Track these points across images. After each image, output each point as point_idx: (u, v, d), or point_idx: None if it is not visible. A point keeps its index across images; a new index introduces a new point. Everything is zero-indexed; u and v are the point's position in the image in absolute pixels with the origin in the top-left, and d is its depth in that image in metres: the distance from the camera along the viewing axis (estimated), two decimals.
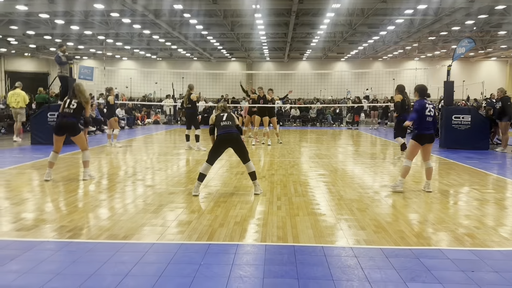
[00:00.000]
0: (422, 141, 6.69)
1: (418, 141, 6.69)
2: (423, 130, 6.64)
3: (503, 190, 7.27)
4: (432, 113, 6.69)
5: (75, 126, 7.54)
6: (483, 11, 23.22)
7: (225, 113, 6.61)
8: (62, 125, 7.49)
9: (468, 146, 12.36)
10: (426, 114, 6.63)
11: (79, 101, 7.60)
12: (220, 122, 6.48)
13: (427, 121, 6.65)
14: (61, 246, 4.22)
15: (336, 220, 5.18)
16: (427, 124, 6.66)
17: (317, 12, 24.35)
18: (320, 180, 7.82)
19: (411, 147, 6.80)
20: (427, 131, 6.66)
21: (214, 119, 6.59)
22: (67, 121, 7.47)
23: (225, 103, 7.02)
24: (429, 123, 6.67)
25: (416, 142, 6.70)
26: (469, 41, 13.34)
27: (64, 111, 7.55)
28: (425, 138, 6.68)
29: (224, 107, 6.78)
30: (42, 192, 6.69)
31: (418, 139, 6.69)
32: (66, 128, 7.50)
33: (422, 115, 6.62)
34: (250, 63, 46.29)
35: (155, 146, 13.56)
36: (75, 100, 7.60)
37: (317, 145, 14.00)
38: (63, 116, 7.53)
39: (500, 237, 4.62)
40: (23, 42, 35.06)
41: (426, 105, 6.67)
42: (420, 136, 6.67)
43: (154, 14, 23.48)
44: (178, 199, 6.18)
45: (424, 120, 6.63)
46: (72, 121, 7.50)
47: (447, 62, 13.89)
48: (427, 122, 6.65)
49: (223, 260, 3.89)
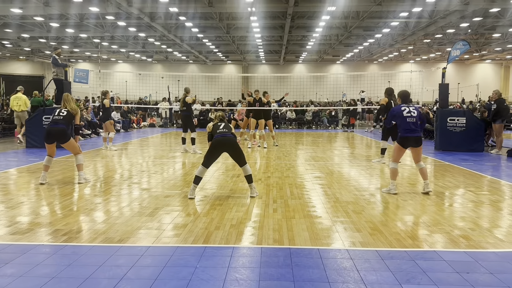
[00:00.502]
0: (405, 144, 6.74)
1: (401, 144, 6.77)
2: (404, 133, 6.69)
3: (498, 192, 7.30)
4: (414, 114, 6.70)
5: (65, 133, 7.49)
6: (477, 13, 23.40)
7: (223, 123, 6.66)
8: (51, 133, 7.45)
9: (463, 148, 12.41)
10: (405, 116, 6.68)
11: (68, 109, 7.64)
12: (217, 130, 6.52)
13: (407, 122, 6.66)
14: (56, 250, 4.20)
15: (332, 223, 5.18)
16: (407, 126, 6.66)
17: (312, 15, 24.47)
18: (316, 182, 7.83)
19: (395, 149, 6.87)
20: (410, 133, 6.66)
21: (212, 128, 6.61)
22: (56, 128, 7.45)
23: (223, 114, 7.05)
24: (409, 124, 6.66)
25: (399, 145, 6.79)
26: (463, 43, 13.41)
27: (54, 118, 7.58)
28: (409, 141, 6.71)
29: (222, 117, 6.84)
30: (37, 195, 6.65)
31: (401, 142, 6.78)
32: (55, 135, 7.45)
33: (400, 118, 6.71)
34: (246, 65, 46.38)
35: (150, 149, 13.53)
36: (65, 108, 7.65)
37: (313, 147, 14.02)
38: (52, 123, 7.53)
39: (495, 238, 4.64)
40: (18, 45, 34.98)
41: (401, 108, 6.76)
42: (402, 139, 6.74)
43: (150, 17, 23.50)
44: (174, 202, 6.17)
45: (404, 123, 6.68)
46: (61, 128, 7.46)
47: (442, 64, 13.97)
48: (407, 123, 6.67)
49: (219, 263, 3.88)
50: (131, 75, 40.57)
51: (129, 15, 23.42)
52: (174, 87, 30.17)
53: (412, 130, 6.69)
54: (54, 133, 7.44)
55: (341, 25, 27.49)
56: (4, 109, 20.01)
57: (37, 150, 12.08)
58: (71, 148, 7.66)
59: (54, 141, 7.50)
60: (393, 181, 6.82)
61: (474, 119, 12.79)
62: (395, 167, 6.81)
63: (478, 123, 12.74)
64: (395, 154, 6.86)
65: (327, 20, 24.16)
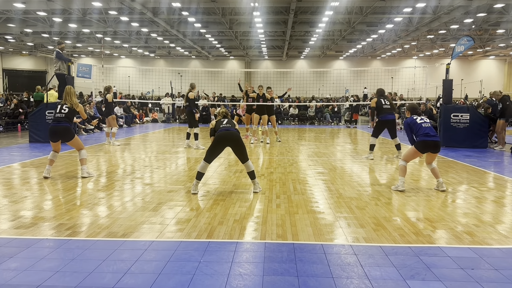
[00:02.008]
0: (423, 148, 6.65)
1: (419, 148, 6.66)
2: (422, 137, 6.60)
3: (501, 188, 7.28)
4: (427, 120, 6.82)
5: (69, 131, 7.49)
6: (481, 9, 23.24)
7: (226, 119, 6.66)
8: (55, 132, 7.45)
9: (467, 145, 12.38)
10: (419, 123, 6.71)
11: (70, 105, 7.57)
12: (220, 125, 6.50)
13: (423, 127, 6.65)
14: (60, 244, 4.21)
15: (335, 218, 5.17)
16: (423, 130, 6.63)
17: (315, 10, 24.34)
18: (319, 178, 7.82)
19: (410, 151, 6.79)
20: (427, 137, 6.57)
21: (215, 124, 6.60)
22: (59, 127, 7.43)
23: (227, 110, 7.02)
24: (426, 128, 6.65)
25: (416, 149, 6.69)
26: (468, 39, 13.33)
27: (56, 116, 7.55)
28: (428, 146, 6.61)
29: (225, 113, 6.80)
30: (40, 190, 6.67)
31: (419, 146, 6.66)
32: (60, 134, 7.45)
33: (416, 125, 6.71)
34: (249, 61, 46.27)
35: (153, 145, 13.54)
36: (66, 104, 7.59)
37: (315, 143, 13.99)
38: (55, 122, 7.50)
39: (499, 235, 4.62)
40: (21, 40, 34.97)
41: (414, 117, 6.86)
42: (421, 143, 6.62)
43: (153, 12, 23.44)
44: (177, 197, 6.17)
45: (421, 128, 6.66)
46: (65, 126, 7.44)
47: (446, 60, 13.88)
48: (423, 128, 6.65)
49: (222, 257, 3.88)
50: (133, 70, 40.57)
51: (132, 10, 23.35)
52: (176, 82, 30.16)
53: (430, 134, 6.61)
54: (58, 132, 7.44)
55: (345, 21, 27.35)
56: (7, 104, 20.05)
57: (40, 145, 12.10)
58: (76, 145, 7.68)
59: (59, 140, 7.51)
60: (402, 177, 6.76)
61: (477, 115, 12.74)
62: (404, 164, 6.79)
63: (482, 119, 12.69)
64: (408, 155, 6.82)
65: (331, 16, 24.04)
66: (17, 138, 14.04)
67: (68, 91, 7.69)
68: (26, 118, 16.74)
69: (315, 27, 28.09)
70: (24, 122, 17.12)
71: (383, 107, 10.17)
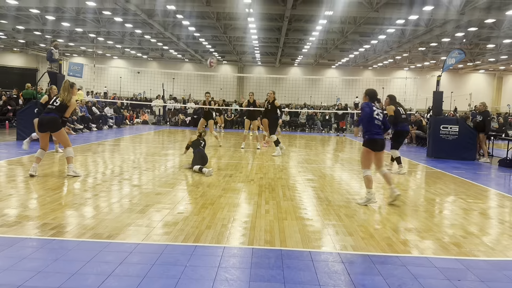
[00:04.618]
0: (374, 146, 6.33)
1: (370, 147, 6.34)
2: (373, 135, 6.32)
3: (488, 200, 7.34)
4: (380, 117, 6.41)
5: (56, 122, 7.42)
6: (473, 24, 23.63)
7: (203, 142, 9.40)
8: (43, 121, 7.43)
9: (455, 156, 12.48)
10: (374, 117, 6.35)
11: (62, 99, 7.50)
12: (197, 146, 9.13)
13: (375, 124, 6.34)
14: (43, 244, 4.13)
15: (324, 225, 5.16)
16: (376, 128, 6.34)
17: (309, 18, 24.51)
18: (308, 185, 7.81)
19: (364, 155, 6.41)
20: (377, 135, 6.33)
21: (191, 143, 9.21)
22: (47, 117, 7.42)
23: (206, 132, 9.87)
24: (377, 126, 6.36)
25: (368, 149, 6.36)
26: (459, 52, 13.50)
27: (47, 107, 7.55)
28: (377, 144, 6.32)
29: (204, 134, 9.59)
30: (26, 188, 6.56)
31: (369, 145, 6.35)
32: (47, 124, 7.41)
33: (371, 118, 6.33)
34: (242, 66, 46.36)
35: (143, 146, 13.44)
36: (60, 98, 7.53)
37: (306, 150, 14.01)
38: (45, 112, 7.51)
39: (486, 246, 4.64)
40: (12, 37, 34.65)
41: (372, 105, 6.42)
42: (371, 142, 6.33)
43: (147, 14, 23.39)
44: (165, 200, 6.11)
45: (373, 123, 6.33)
46: (52, 117, 7.41)
47: (437, 72, 14.05)
48: (376, 125, 6.34)
49: (209, 262, 3.83)
50: (125, 71, 40.35)
51: (126, 11, 23.29)
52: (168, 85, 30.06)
53: (379, 133, 6.37)
54: (45, 121, 7.40)
55: (338, 30, 27.57)
56: None
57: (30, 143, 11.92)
58: (61, 140, 7.60)
59: (46, 130, 7.47)
60: (369, 189, 6.33)
61: (466, 128, 12.87)
62: (368, 174, 6.35)
63: (471, 132, 12.82)
64: (364, 159, 6.41)
65: (324, 25, 24.22)
66: (5, 136, 13.83)
67: (64, 86, 7.61)
68: (14, 116, 16.52)
69: (308, 35, 28.27)
70: (13, 119, 16.90)
71: (401, 116, 9.62)
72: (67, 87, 7.59)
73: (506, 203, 7.04)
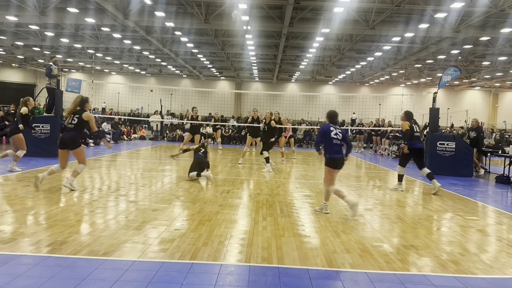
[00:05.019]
0: (335, 165, 6.68)
1: (331, 166, 6.70)
2: (332, 154, 6.68)
3: (485, 217, 7.33)
4: (339, 137, 6.72)
5: (75, 140, 7.73)
6: (468, 41, 23.92)
7: (203, 149, 9.92)
8: (63, 139, 7.72)
9: (452, 173, 12.49)
10: (332, 137, 6.67)
11: (79, 116, 7.70)
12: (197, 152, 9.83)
13: (334, 144, 6.68)
14: (39, 261, 4.09)
15: (322, 242, 5.13)
16: (334, 147, 6.68)
17: (306, 35, 24.78)
18: (306, 201, 7.79)
19: (327, 173, 6.76)
20: (336, 154, 6.68)
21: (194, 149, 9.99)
22: (67, 135, 7.68)
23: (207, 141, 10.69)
24: (337, 146, 6.70)
25: (330, 168, 6.71)
26: (454, 69, 13.64)
27: (67, 126, 7.77)
28: (337, 162, 6.67)
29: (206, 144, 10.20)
30: (22, 204, 6.51)
31: (330, 164, 6.70)
32: (67, 141, 7.67)
33: (328, 138, 6.69)
34: (239, 82, 46.59)
35: (140, 162, 13.41)
36: (77, 115, 7.73)
37: (303, 166, 14.01)
38: (65, 131, 7.81)
39: (484, 264, 4.62)
40: (11, 52, 34.80)
41: (331, 128, 6.75)
42: (331, 160, 6.68)
43: (146, 30, 23.59)
44: (162, 216, 6.08)
45: (331, 144, 6.68)
46: (72, 135, 7.69)
47: (432, 89, 14.20)
48: (335, 145, 6.68)
49: (205, 280, 3.80)
50: (123, 87, 40.50)
51: (124, 28, 23.48)
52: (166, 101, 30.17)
53: (338, 152, 6.72)
54: (65, 139, 7.68)
55: (335, 47, 27.86)
56: None
57: (24, 159, 11.87)
58: (80, 157, 7.80)
59: (66, 148, 7.69)
60: (326, 202, 6.83)
61: (463, 144, 12.93)
62: (330, 189, 6.73)
63: (467, 148, 12.88)
64: (328, 177, 6.75)
65: (321, 42, 24.48)
66: (1, 151, 13.74)
67: (76, 101, 7.82)
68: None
69: (305, 52, 28.54)
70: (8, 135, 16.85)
71: (414, 134, 9.43)
72: (78, 102, 7.82)
73: (503, 220, 7.03)
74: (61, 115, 13.31)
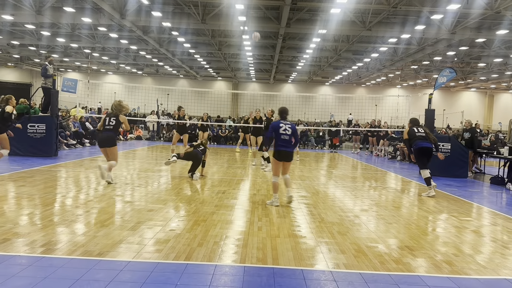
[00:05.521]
0: (279, 157, 7.27)
1: (275, 157, 7.30)
2: (277, 147, 7.30)
3: (480, 218, 7.36)
4: (288, 132, 7.29)
5: (113, 139, 8.80)
6: (464, 43, 24.05)
7: (202, 147, 10.25)
8: (102, 138, 8.78)
9: (448, 174, 12.53)
10: (281, 133, 7.28)
11: (117, 117, 8.77)
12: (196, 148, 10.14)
13: (282, 139, 7.27)
14: (32, 261, 4.07)
15: (317, 243, 5.14)
16: (281, 142, 7.27)
17: (303, 36, 24.82)
18: (301, 202, 7.80)
19: (272, 164, 7.45)
20: (282, 148, 7.26)
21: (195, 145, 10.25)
22: (106, 135, 8.72)
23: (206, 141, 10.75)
24: (284, 141, 7.28)
25: (274, 159, 7.32)
26: (450, 71, 13.69)
27: (105, 128, 8.75)
28: (281, 155, 7.26)
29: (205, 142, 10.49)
30: (17, 204, 6.49)
31: (275, 156, 7.31)
32: (105, 140, 8.70)
33: (277, 134, 7.29)
34: (236, 83, 46.61)
35: (136, 162, 13.38)
36: (113, 117, 8.77)
37: (299, 166, 14.02)
38: (104, 131, 8.77)
39: (478, 265, 4.64)
40: (7, 52, 34.67)
41: (280, 124, 7.36)
42: (276, 152, 7.30)
43: (142, 30, 23.56)
44: (157, 217, 6.07)
45: (279, 138, 7.29)
46: (110, 135, 8.74)
47: (429, 90, 14.25)
48: (282, 140, 7.27)
49: (200, 281, 3.80)
50: (120, 87, 40.41)
51: (121, 28, 23.45)
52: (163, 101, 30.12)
53: (285, 146, 7.29)
54: (104, 138, 8.73)
55: (331, 48, 27.91)
56: None
57: (20, 158, 11.86)
58: (114, 154, 8.76)
59: (105, 146, 8.70)
60: (275, 194, 7.32)
61: (458, 145, 12.98)
62: (276, 181, 7.31)
63: (463, 149, 12.92)
64: (273, 167, 7.43)
65: (318, 43, 24.52)
66: None
67: (116, 106, 8.86)
68: None
69: (302, 53, 28.58)
70: None
71: (416, 134, 9.38)
72: (118, 106, 8.88)
73: (498, 221, 7.06)
74: (56, 115, 13.27)
